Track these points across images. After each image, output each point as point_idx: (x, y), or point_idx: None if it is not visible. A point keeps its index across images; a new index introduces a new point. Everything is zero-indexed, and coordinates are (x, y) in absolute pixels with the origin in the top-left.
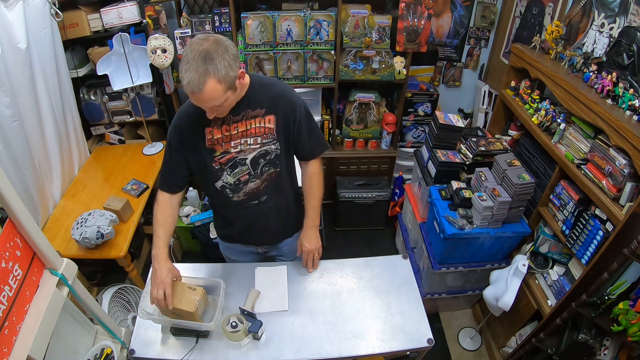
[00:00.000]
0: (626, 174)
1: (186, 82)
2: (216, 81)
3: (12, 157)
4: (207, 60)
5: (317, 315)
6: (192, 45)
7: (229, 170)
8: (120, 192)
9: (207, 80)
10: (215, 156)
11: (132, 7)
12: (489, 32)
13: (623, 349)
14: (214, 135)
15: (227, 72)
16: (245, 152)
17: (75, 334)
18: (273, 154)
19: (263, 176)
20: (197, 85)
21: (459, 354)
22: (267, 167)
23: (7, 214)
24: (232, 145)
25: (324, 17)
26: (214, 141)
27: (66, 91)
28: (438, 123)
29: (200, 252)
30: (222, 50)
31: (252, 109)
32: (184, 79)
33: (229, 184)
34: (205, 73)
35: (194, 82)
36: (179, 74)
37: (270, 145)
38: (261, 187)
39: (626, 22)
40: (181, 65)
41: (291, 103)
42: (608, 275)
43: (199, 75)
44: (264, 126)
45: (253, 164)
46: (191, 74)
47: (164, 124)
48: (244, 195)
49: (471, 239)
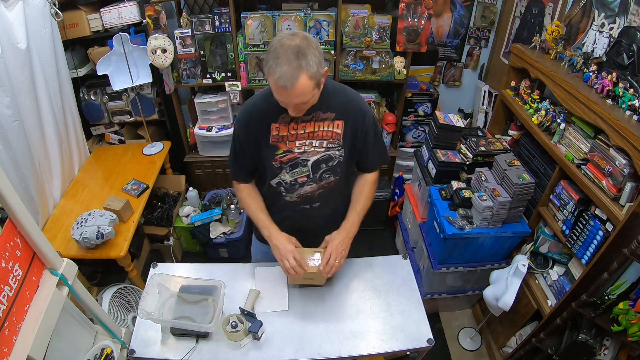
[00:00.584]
0: (626, 174)
1: (278, 76)
2: (308, 77)
3: (12, 157)
4: (299, 55)
5: (317, 315)
6: (282, 41)
7: (289, 168)
8: (120, 192)
9: (300, 75)
10: (277, 154)
11: (132, 7)
12: (489, 32)
13: (623, 349)
14: (279, 132)
15: (318, 68)
16: (308, 153)
17: (75, 334)
18: (336, 160)
19: (321, 182)
20: (291, 80)
21: (459, 354)
22: (328, 175)
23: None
24: (296, 145)
25: (324, 17)
26: (279, 138)
27: (66, 91)
28: (438, 123)
29: (200, 252)
30: (312, 47)
31: (322, 111)
32: (275, 73)
33: (284, 182)
34: (298, 68)
35: (287, 76)
36: (265, 69)
37: (335, 151)
38: (316, 193)
39: (626, 22)
40: (269, 60)
41: (361, 111)
42: (608, 275)
43: (292, 70)
44: (332, 130)
45: (314, 167)
46: (284, 68)
47: (164, 124)
48: (297, 197)
49: (471, 239)
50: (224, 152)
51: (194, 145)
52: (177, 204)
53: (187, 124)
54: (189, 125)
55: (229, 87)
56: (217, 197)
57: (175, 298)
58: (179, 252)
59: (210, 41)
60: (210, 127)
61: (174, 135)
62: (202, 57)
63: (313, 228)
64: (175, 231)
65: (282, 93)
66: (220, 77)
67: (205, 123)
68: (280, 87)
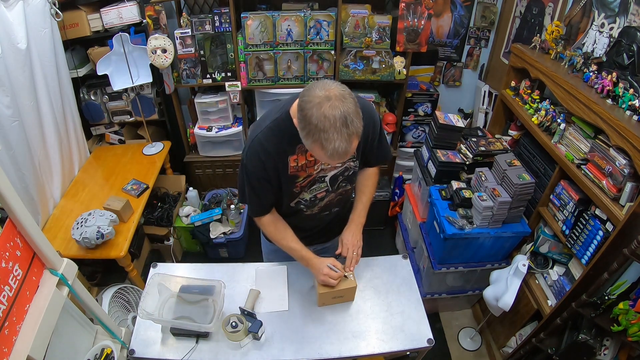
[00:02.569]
0: (626, 174)
1: (331, 152)
2: (357, 139)
3: (12, 157)
4: (349, 124)
5: (317, 315)
6: (324, 111)
7: (307, 187)
8: (120, 192)
9: (353, 142)
10: (298, 181)
11: (132, 7)
12: (489, 32)
13: (623, 349)
14: (298, 163)
15: (361, 124)
16: (325, 170)
17: (75, 334)
18: (352, 170)
19: (338, 191)
20: (345, 152)
21: (459, 354)
22: (344, 184)
23: (7, 214)
24: (314, 168)
25: (324, 17)
26: (298, 168)
27: (66, 91)
28: (438, 123)
29: (200, 252)
30: (353, 105)
31: None
32: (327, 149)
33: (304, 200)
34: (349, 138)
35: (341, 149)
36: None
37: (350, 163)
38: (334, 200)
39: (626, 22)
40: (314, 133)
41: (372, 119)
42: (608, 275)
43: (346, 142)
44: None
45: (332, 181)
46: (338, 143)
47: (163, 124)
48: (318, 209)
49: (471, 239)
50: (224, 152)
51: (194, 145)
52: (177, 204)
53: (187, 124)
54: (189, 125)
55: (229, 87)
56: (217, 197)
57: (175, 298)
58: (179, 252)
59: (210, 41)
60: (210, 127)
61: (174, 135)
62: (202, 57)
63: (329, 226)
64: (175, 231)
65: (332, 162)
66: (220, 77)
67: (205, 123)
68: (334, 159)
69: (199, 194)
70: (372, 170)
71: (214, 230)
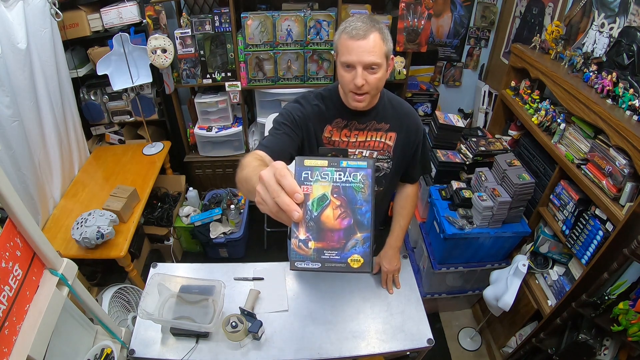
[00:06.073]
0: (626, 174)
1: (351, 28)
2: (380, 37)
3: (12, 157)
4: (373, 20)
5: (317, 315)
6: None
7: None
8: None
9: (374, 31)
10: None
11: (132, 7)
12: (489, 32)
13: (623, 349)
14: (332, 136)
15: (389, 39)
16: None
17: (75, 334)
18: (383, 172)
19: None
20: (364, 31)
21: (459, 354)
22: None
23: (7, 214)
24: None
25: (324, 17)
26: (330, 142)
27: (66, 91)
28: (438, 123)
29: (200, 252)
30: (384, 25)
31: (377, 121)
32: (349, 27)
33: None
34: (373, 26)
35: (361, 28)
36: (339, 33)
37: (383, 163)
38: None
39: (626, 22)
40: (342, 26)
41: (416, 125)
42: (608, 275)
43: (366, 26)
44: (384, 142)
45: None
46: (358, 23)
47: (164, 124)
48: None
49: (471, 239)
50: (224, 152)
51: (194, 145)
52: (177, 204)
53: (187, 124)
54: (189, 125)
55: (229, 87)
56: (217, 197)
57: (175, 298)
58: (179, 252)
59: (210, 41)
60: (210, 127)
61: (174, 135)
62: (202, 57)
63: None
64: (175, 231)
65: (352, 46)
66: (220, 77)
67: (205, 123)
68: (353, 37)
69: (199, 194)
70: (412, 191)
71: (213, 230)
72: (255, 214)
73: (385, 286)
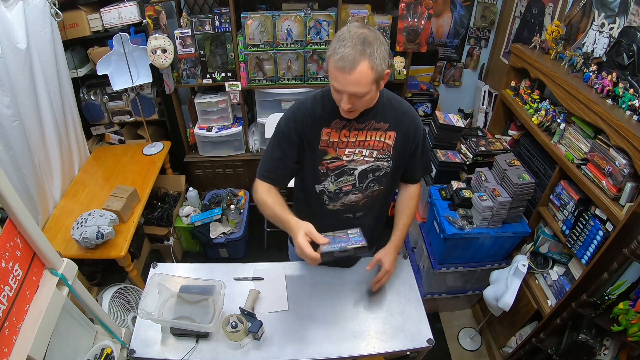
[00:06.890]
0: (626, 174)
1: (339, 57)
2: (369, 66)
3: (12, 157)
4: (365, 43)
5: (317, 315)
6: (350, 28)
7: (334, 177)
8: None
9: (362, 61)
10: (325, 159)
11: (132, 7)
12: (489, 32)
13: (623, 349)
14: (330, 137)
15: (381, 62)
16: (356, 162)
17: (75, 334)
18: (383, 171)
19: (366, 192)
20: (351, 62)
21: (459, 354)
22: (373, 184)
23: (7, 214)
24: (345, 152)
25: (324, 17)
26: (329, 143)
27: (66, 91)
28: (438, 123)
29: (200, 252)
30: (379, 42)
31: (376, 120)
32: (337, 54)
33: (328, 191)
34: (362, 53)
35: (348, 58)
36: (328, 53)
37: (383, 162)
38: (360, 203)
39: (626, 22)
40: (333, 44)
41: (415, 124)
42: (608, 275)
43: (355, 53)
44: (384, 141)
45: (360, 177)
46: (347, 50)
47: (164, 124)
48: (341, 206)
49: (471, 239)
50: (224, 152)
51: (194, 145)
52: (177, 204)
53: (187, 124)
54: (189, 125)
55: (229, 87)
56: (217, 197)
57: (175, 298)
58: (179, 252)
59: (210, 41)
60: (210, 127)
61: (174, 135)
62: (202, 57)
63: None
64: (175, 231)
65: (339, 77)
66: (220, 77)
67: (205, 123)
68: (339, 68)
69: (199, 194)
70: (414, 191)
71: (213, 230)
72: (255, 214)
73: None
